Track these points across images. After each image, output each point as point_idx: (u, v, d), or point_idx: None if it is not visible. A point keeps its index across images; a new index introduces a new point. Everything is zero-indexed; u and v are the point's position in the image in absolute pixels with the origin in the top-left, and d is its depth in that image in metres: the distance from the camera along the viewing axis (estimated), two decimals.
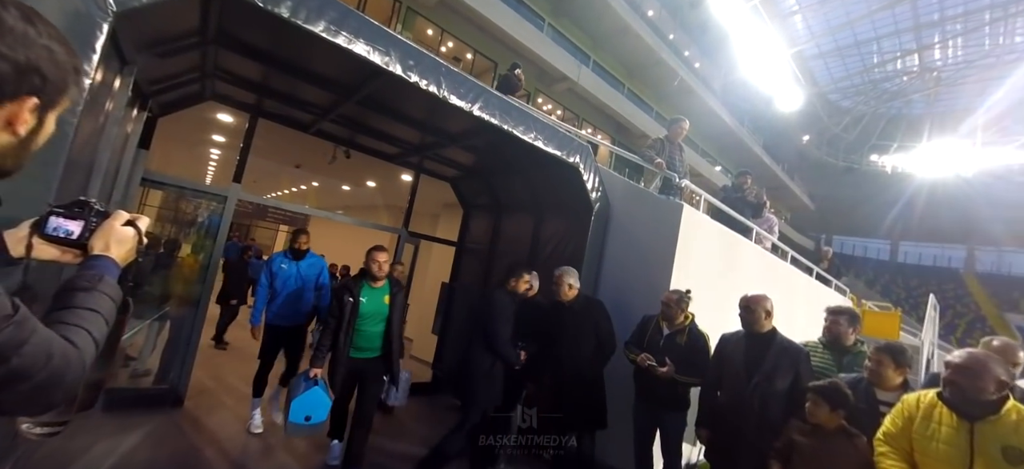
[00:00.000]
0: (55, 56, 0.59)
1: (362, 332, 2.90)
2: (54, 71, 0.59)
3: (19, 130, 0.58)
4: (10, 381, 0.50)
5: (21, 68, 0.55)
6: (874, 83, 26.09)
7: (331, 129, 4.46)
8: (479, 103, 2.92)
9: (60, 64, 0.60)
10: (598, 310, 3.01)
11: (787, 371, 2.41)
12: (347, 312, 2.82)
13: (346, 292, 2.87)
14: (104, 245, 0.74)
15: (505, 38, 12.80)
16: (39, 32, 0.57)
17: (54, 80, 0.60)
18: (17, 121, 0.57)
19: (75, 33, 1.66)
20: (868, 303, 10.75)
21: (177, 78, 3.21)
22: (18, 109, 0.57)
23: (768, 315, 2.55)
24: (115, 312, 0.69)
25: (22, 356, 0.50)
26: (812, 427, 2.06)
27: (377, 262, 2.94)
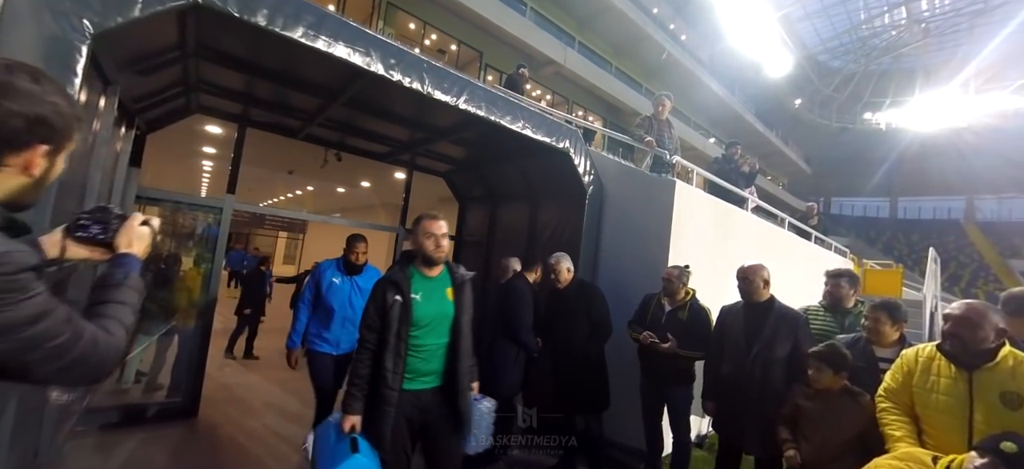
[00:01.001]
0: (59, 108, 0.72)
1: (419, 349, 1.91)
2: (59, 121, 0.72)
3: (34, 172, 0.72)
4: (72, 366, 0.67)
5: (31, 121, 0.68)
6: (863, 40, 25.88)
7: (320, 133, 4.44)
8: (464, 96, 2.90)
9: (63, 114, 0.73)
10: (591, 294, 3.01)
11: (786, 338, 2.44)
12: (395, 320, 1.85)
13: (390, 288, 1.89)
14: (127, 243, 0.88)
15: (487, 26, 12.65)
16: (45, 90, 0.70)
17: (60, 128, 0.73)
18: (32, 165, 0.71)
19: (54, 57, 1.65)
20: (869, 262, 10.80)
21: (161, 94, 3.19)
22: (32, 155, 0.70)
23: (766, 284, 2.57)
24: (141, 302, 0.84)
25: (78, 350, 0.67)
26: (816, 391, 2.09)
27: (434, 237, 1.94)
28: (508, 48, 13.53)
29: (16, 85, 0.66)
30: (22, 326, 0.61)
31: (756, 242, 4.51)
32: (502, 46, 13.52)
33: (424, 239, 1.95)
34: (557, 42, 14.25)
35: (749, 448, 2.52)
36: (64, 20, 1.64)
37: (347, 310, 2.95)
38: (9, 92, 0.66)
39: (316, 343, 2.95)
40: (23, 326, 0.61)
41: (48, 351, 0.64)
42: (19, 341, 0.61)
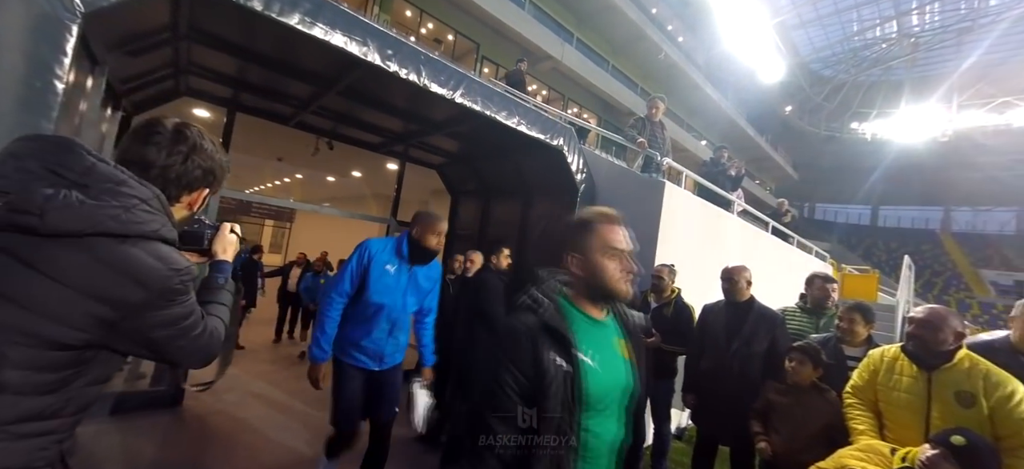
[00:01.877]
0: (223, 163, 0.98)
1: (588, 450, 1.00)
2: (221, 173, 0.98)
3: (194, 208, 0.97)
4: (198, 351, 0.88)
5: (206, 172, 0.93)
6: (854, 51, 26.32)
7: (313, 121, 4.42)
8: (461, 90, 2.92)
9: (223, 167, 0.98)
10: None
11: (764, 336, 2.54)
12: (556, 401, 0.95)
13: (546, 341, 0.96)
14: (222, 249, 1.09)
15: (486, 17, 12.58)
16: (216, 149, 0.95)
17: (219, 178, 0.98)
18: (194, 204, 0.96)
19: (44, 35, 1.64)
20: (848, 267, 11.08)
21: (150, 75, 3.15)
22: (198, 196, 0.96)
23: (749, 284, 2.66)
24: (232, 300, 1.07)
25: (203, 338, 0.88)
26: (787, 386, 2.20)
27: (620, 256, 1.05)
28: (506, 41, 13.48)
29: (204, 146, 0.91)
30: (182, 318, 0.82)
31: (741, 244, 4.62)
32: (500, 39, 13.46)
33: (603, 257, 1.04)
34: (555, 37, 14.23)
35: (725, 440, 2.62)
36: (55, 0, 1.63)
37: (398, 312, 2.19)
38: (199, 151, 0.90)
39: (349, 354, 2.16)
40: (182, 318, 0.83)
41: (191, 338, 0.85)
42: (178, 329, 0.82)
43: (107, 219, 0.72)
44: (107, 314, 0.73)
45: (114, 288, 0.73)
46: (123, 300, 0.74)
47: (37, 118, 1.63)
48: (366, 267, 2.15)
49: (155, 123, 0.88)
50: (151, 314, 0.77)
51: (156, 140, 0.85)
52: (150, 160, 0.84)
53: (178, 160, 0.87)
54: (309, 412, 3.86)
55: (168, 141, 0.86)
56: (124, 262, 0.74)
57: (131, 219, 0.75)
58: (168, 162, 0.86)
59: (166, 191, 0.86)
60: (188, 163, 0.89)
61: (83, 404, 0.79)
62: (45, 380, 0.71)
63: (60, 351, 0.71)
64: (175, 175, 0.87)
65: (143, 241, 0.77)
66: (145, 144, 0.85)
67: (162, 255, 0.78)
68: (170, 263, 0.79)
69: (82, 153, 0.76)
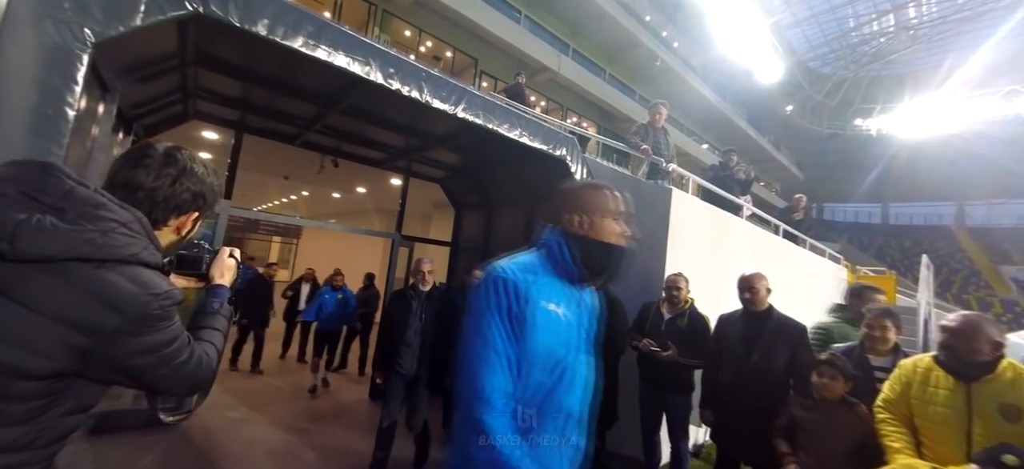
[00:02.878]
0: (213, 187, 0.95)
1: None
2: (211, 197, 0.96)
3: (183, 232, 0.93)
4: (184, 379, 0.84)
5: (196, 195, 0.91)
6: (852, 47, 26.25)
7: (317, 139, 4.44)
8: (462, 104, 2.92)
9: (215, 191, 0.96)
10: (612, 303, 2.81)
11: (785, 347, 2.44)
12: None
13: None
14: (220, 274, 1.06)
15: (483, 33, 12.70)
16: (207, 172, 0.93)
17: (210, 202, 0.96)
18: (183, 228, 0.93)
19: (55, 64, 1.64)
20: (862, 268, 10.92)
21: (159, 100, 3.18)
22: (186, 220, 0.92)
23: (768, 292, 2.59)
24: (228, 327, 1.03)
25: (190, 366, 0.84)
26: (814, 401, 2.08)
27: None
28: (503, 55, 13.58)
29: (194, 170, 0.90)
30: (163, 345, 0.79)
31: (751, 249, 4.55)
32: (497, 53, 13.57)
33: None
34: (551, 49, 14.34)
35: (747, 458, 2.52)
36: (65, 29, 1.63)
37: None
38: (189, 174, 0.89)
39: None
40: (164, 346, 0.79)
41: (174, 366, 0.81)
42: (158, 357, 0.79)
43: (82, 243, 0.70)
44: (79, 341, 0.70)
45: (86, 314, 0.70)
46: (96, 326, 0.71)
47: (48, 144, 1.62)
48: (524, 311, 1.06)
49: (146, 146, 0.87)
50: (127, 341, 0.74)
51: (145, 163, 0.84)
52: (138, 182, 0.83)
53: (166, 182, 0.85)
54: (313, 429, 3.81)
55: (157, 164, 0.85)
56: (98, 287, 0.71)
57: (108, 243, 0.73)
58: (155, 184, 0.84)
59: (153, 214, 0.85)
60: (176, 186, 0.87)
61: (59, 435, 0.76)
62: (13, 411, 0.68)
63: (29, 381, 0.69)
64: (162, 198, 0.85)
65: (121, 265, 0.74)
66: (134, 167, 0.84)
67: (141, 279, 0.76)
68: (149, 288, 0.76)
69: (61, 177, 0.75)
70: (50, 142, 1.63)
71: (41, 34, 1.60)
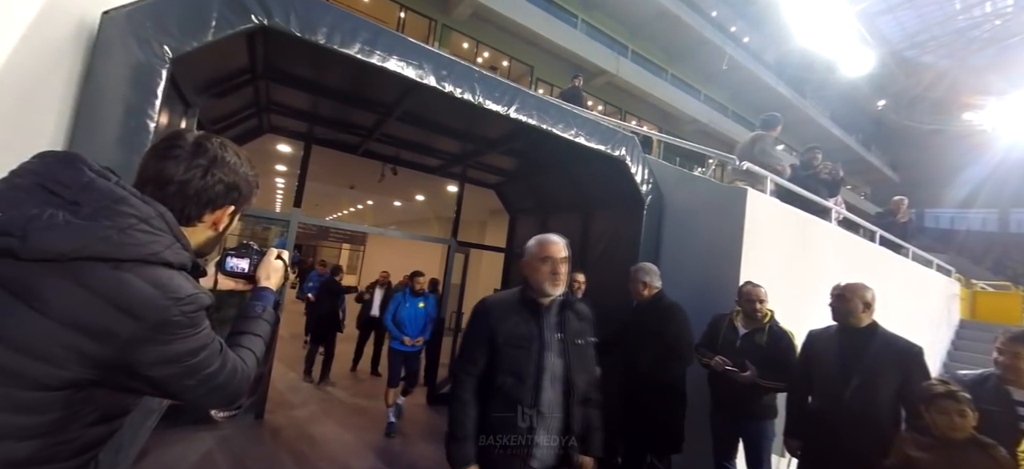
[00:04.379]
0: (248, 177, 0.87)
1: None
2: (247, 188, 0.88)
3: (219, 228, 0.87)
4: (216, 391, 0.78)
5: (229, 188, 0.83)
6: (959, 32, 22.94)
7: (377, 148, 4.60)
8: (515, 105, 2.84)
9: (250, 183, 0.88)
10: (667, 310, 2.62)
11: (893, 372, 2.07)
12: None
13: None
14: (266, 276, 1.03)
15: (538, 40, 12.73)
16: (241, 162, 0.85)
17: (245, 194, 0.88)
18: (219, 222, 0.86)
19: (139, 81, 1.78)
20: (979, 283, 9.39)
21: (236, 115, 3.44)
22: (222, 215, 0.85)
23: (867, 307, 2.20)
24: (272, 332, 0.98)
25: (222, 377, 0.78)
26: (934, 439, 1.72)
27: None
28: (559, 61, 13.50)
29: (226, 158, 0.82)
30: (188, 355, 0.72)
31: (841, 257, 4.02)
32: (553, 59, 13.52)
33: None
34: (609, 52, 14.02)
35: None
36: (147, 47, 1.77)
37: None
38: (220, 164, 0.81)
39: None
40: (189, 355, 0.73)
41: (202, 377, 0.75)
42: (184, 367, 0.72)
43: (96, 241, 0.64)
44: (92, 349, 0.64)
45: (99, 319, 0.64)
46: (109, 333, 0.64)
47: (131, 155, 1.75)
48: None
49: (175, 136, 0.81)
50: (146, 350, 0.67)
51: (175, 154, 0.78)
52: (168, 175, 0.77)
53: (197, 174, 0.79)
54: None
55: (187, 154, 0.79)
56: (113, 289, 0.65)
57: (125, 240, 0.66)
58: (186, 177, 0.78)
59: (185, 210, 0.79)
60: (208, 177, 0.80)
61: (84, 446, 0.70)
62: (23, 424, 0.62)
63: (39, 392, 0.62)
64: (194, 191, 0.79)
65: (141, 266, 0.68)
66: (163, 158, 0.78)
67: (161, 282, 0.69)
68: (170, 291, 0.69)
69: (82, 168, 0.69)
70: (134, 153, 1.76)
71: (127, 53, 1.73)
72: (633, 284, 2.75)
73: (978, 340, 6.75)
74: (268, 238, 5.03)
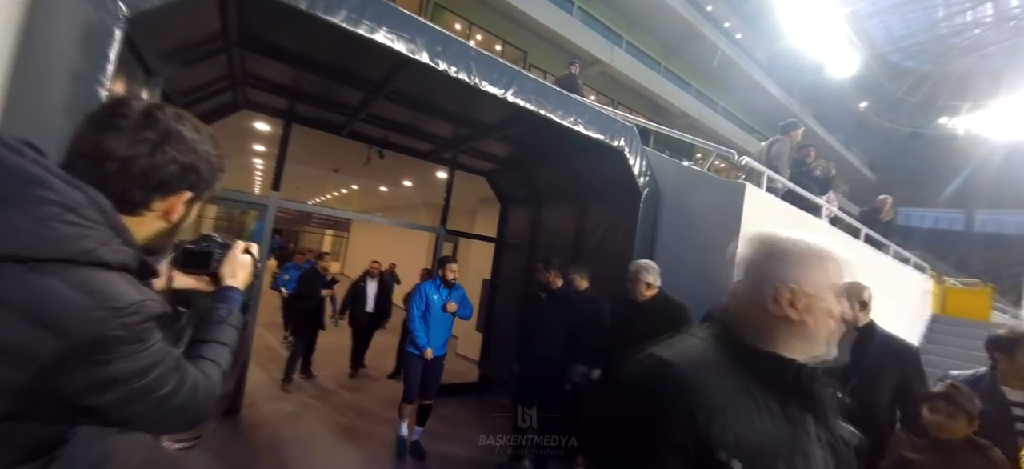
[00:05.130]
0: (210, 158, 0.72)
1: None
2: (208, 171, 0.72)
3: (173, 218, 0.71)
4: (173, 414, 0.63)
5: (185, 168, 0.68)
6: (941, 38, 23.48)
7: (364, 130, 4.37)
8: (513, 88, 2.68)
9: (213, 165, 0.73)
10: (679, 316, 2.56)
11: (892, 372, 2.05)
12: None
13: None
14: (231, 273, 0.88)
15: (533, 25, 12.48)
16: (202, 139, 0.71)
17: (206, 177, 0.72)
18: (173, 211, 0.70)
19: (88, 42, 1.56)
20: (950, 279, 9.68)
21: (208, 88, 3.18)
22: (176, 202, 0.70)
23: (864, 306, 2.16)
24: (239, 338, 0.83)
25: (181, 397, 0.63)
26: (930, 441, 1.69)
27: None
28: (554, 48, 13.29)
29: (181, 133, 0.67)
30: (135, 377, 0.58)
31: None
32: (548, 46, 13.30)
33: None
34: (604, 41, 13.86)
35: None
36: (98, 3, 1.55)
37: None
38: (174, 139, 0.66)
39: None
40: (136, 377, 0.58)
41: (154, 401, 0.61)
42: (129, 391, 0.58)
43: (3, 236, 0.51)
44: (4, 375, 0.50)
45: (9, 336, 0.50)
46: (25, 354, 0.51)
47: None
48: None
49: (119, 102, 0.65)
50: (76, 373, 0.53)
51: (117, 124, 0.62)
52: (107, 150, 0.61)
53: (144, 150, 0.63)
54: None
55: (132, 125, 0.63)
56: (27, 298, 0.51)
57: (45, 236, 0.52)
58: (130, 153, 0.62)
59: (129, 194, 0.64)
60: (158, 155, 0.64)
61: None
62: None
63: None
64: (140, 171, 0.63)
65: (66, 267, 0.53)
66: (102, 129, 0.62)
67: (94, 287, 0.55)
68: (106, 299, 0.55)
69: None
70: None
71: (74, 8, 1.52)
72: (635, 283, 2.66)
73: (948, 334, 6.96)
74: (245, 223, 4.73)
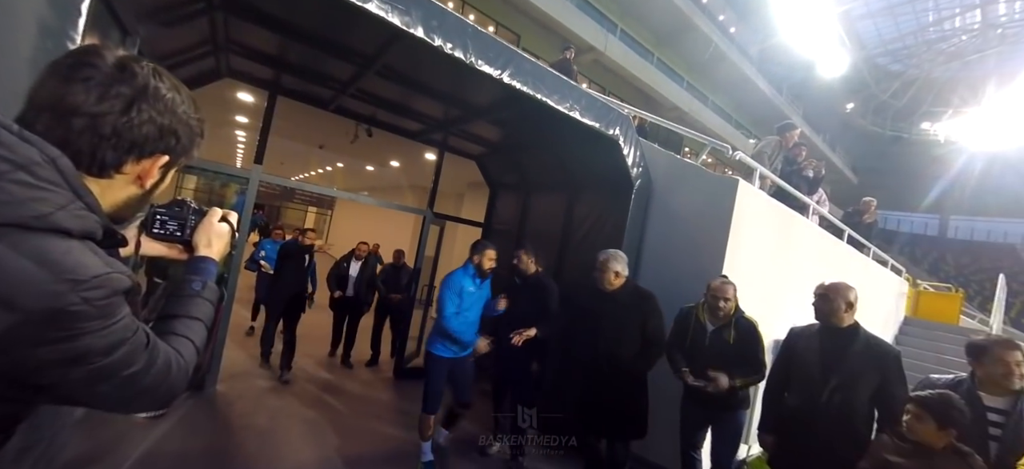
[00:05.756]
0: (190, 121, 0.67)
1: None
2: (187, 135, 0.67)
3: (146, 184, 0.65)
4: (142, 395, 0.60)
5: (163, 130, 0.63)
6: (929, 44, 23.90)
7: (352, 105, 4.24)
8: (510, 70, 2.61)
9: (193, 128, 0.68)
10: (648, 305, 2.59)
11: (872, 374, 2.08)
12: None
13: None
14: (206, 242, 0.82)
15: (528, 7, 12.27)
16: (182, 99, 0.65)
17: (185, 142, 0.67)
18: (147, 176, 0.65)
19: None
20: (923, 283, 10.00)
21: (188, 52, 3.03)
22: (151, 166, 0.64)
23: (850, 307, 2.17)
24: (214, 313, 0.78)
25: (150, 377, 0.60)
26: (912, 446, 1.70)
27: None
28: (548, 32, 13.10)
29: (160, 91, 0.62)
30: (98, 355, 0.54)
31: (817, 254, 4.07)
32: (541, 30, 13.10)
33: None
34: (598, 28, 13.71)
35: None
36: None
37: None
38: (153, 97, 0.61)
39: None
40: (99, 355, 0.54)
41: (121, 381, 0.57)
42: (93, 370, 0.54)
43: None
44: None
45: None
46: None
47: None
48: None
49: (88, 52, 0.58)
50: (30, 351, 0.49)
51: (85, 75, 0.55)
52: (73, 104, 0.55)
53: (117, 107, 0.57)
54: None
55: (104, 77, 0.56)
56: None
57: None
58: (101, 109, 0.56)
59: (99, 154, 0.58)
60: (133, 113, 0.58)
61: None
62: None
63: None
64: (112, 129, 0.57)
65: (18, 234, 0.48)
66: (69, 80, 0.55)
67: (50, 257, 0.50)
68: (65, 271, 0.50)
69: None
70: None
71: None
72: (604, 273, 2.60)
73: (919, 337, 7.21)
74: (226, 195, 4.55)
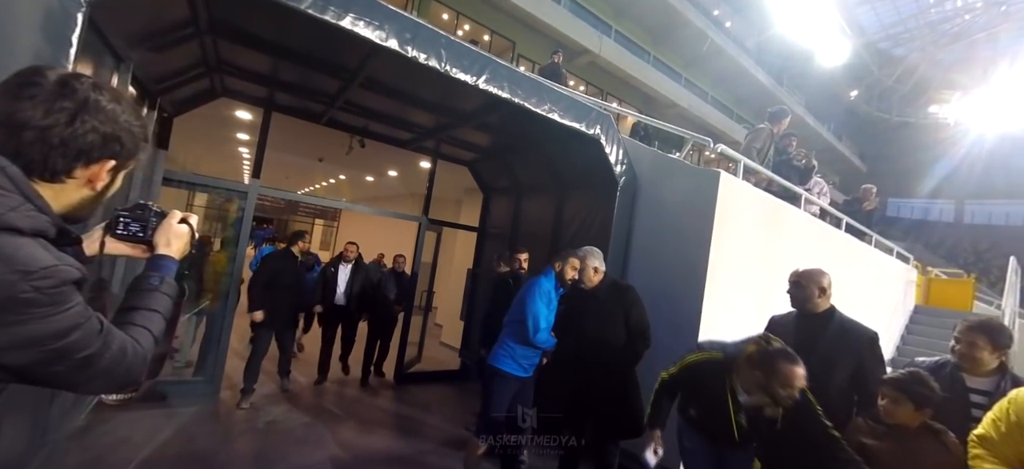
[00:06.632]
0: (132, 128, 0.75)
1: None
2: (129, 141, 0.75)
3: (96, 186, 0.74)
4: (98, 376, 0.68)
5: (107, 138, 0.71)
6: (931, 26, 23.57)
7: (344, 118, 4.36)
8: (485, 76, 2.69)
9: (135, 134, 0.76)
10: (628, 297, 2.62)
11: (847, 357, 2.09)
12: None
13: None
14: (166, 242, 0.89)
15: (521, 14, 12.37)
16: (123, 109, 0.73)
17: (129, 147, 0.75)
18: (97, 179, 0.73)
19: (49, 25, 1.57)
20: (934, 270, 9.83)
21: (183, 74, 3.16)
22: (99, 170, 0.73)
23: (823, 292, 2.20)
24: (173, 306, 0.86)
25: (106, 360, 0.67)
26: (888, 427, 1.72)
27: None
28: (542, 37, 13.21)
29: (100, 103, 0.70)
30: (51, 338, 0.62)
31: (810, 244, 4.08)
32: (536, 35, 13.21)
33: None
34: (593, 31, 13.79)
35: None
36: None
37: None
38: (93, 109, 0.69)
39: None
40: (53, 338, 0.62)
41: (76, 362, 0.65)
42: (47, 351, 0.62)
43: None
44: None
45: None
46: None
47: None
48: None
49: (32, 72, 0.68)
50: None
51: (30, 93, 0.65)
52: (22, 119, 0.64)
53: (62, 119, 0.66)
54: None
55: (48, 95, 0.66)
56: None
57: None
58: (47, 122, 0.65)
59: (50, 162, 0.67)
60: (77, 124, 0.67)
61: None
62: None
63: None
64: (59, 140, 0.66)
65: None
66: (16, 98, 0.64)
67: (4, 252, 0.58)
68: (15, 264, 0.58)
69: None
70: None
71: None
72: (583, 271, 2.63)
73: (930, 325, 7.08)
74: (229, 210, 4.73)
